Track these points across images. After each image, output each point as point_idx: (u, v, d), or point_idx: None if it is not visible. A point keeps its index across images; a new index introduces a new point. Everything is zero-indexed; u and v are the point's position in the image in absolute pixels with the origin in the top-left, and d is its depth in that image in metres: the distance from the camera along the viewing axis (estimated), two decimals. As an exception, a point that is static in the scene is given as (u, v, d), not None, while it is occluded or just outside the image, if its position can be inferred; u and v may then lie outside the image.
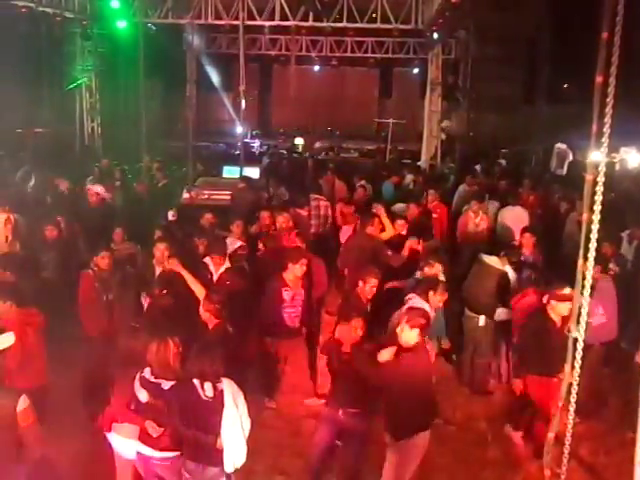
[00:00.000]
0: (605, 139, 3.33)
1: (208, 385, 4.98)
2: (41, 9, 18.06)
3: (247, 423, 5.14)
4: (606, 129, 3.34)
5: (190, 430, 5.00)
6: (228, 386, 5.03)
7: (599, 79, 3.27)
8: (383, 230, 9.59)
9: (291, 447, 7.01)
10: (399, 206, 11.95)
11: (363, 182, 14.75)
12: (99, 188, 11.80)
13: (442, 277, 7.67)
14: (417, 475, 6.33)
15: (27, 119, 19.55)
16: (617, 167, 20.50)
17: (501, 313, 8.18)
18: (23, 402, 4.65)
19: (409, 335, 5.56)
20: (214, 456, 5.02)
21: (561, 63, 24.21)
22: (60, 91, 21.19)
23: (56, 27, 19.80)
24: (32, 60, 18.38)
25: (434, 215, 11.92)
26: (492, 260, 8.52)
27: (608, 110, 3.32)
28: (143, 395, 5.17)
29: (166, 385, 5.13)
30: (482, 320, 8.26)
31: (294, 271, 7.65)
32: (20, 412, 4.64)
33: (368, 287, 7.35)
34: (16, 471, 4.76)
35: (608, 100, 3.32)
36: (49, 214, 10.27)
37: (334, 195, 13.78)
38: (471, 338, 8.59)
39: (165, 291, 7.07)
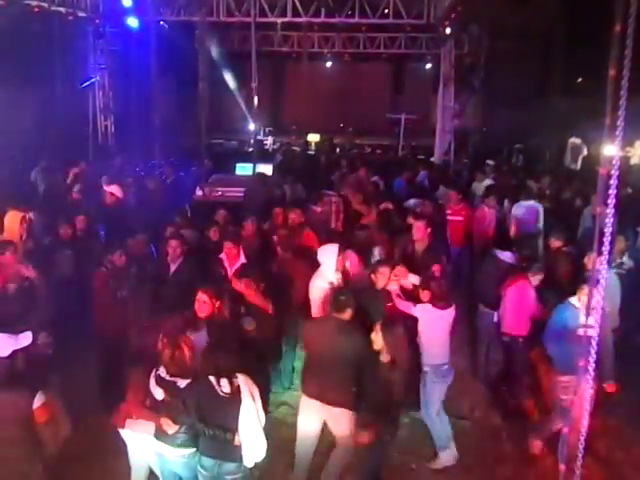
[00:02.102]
0: (619, 133, 3.30)
1: (224, 381, 4.99)
2: (53, 8, 18.12)
3: (263, 418, 5.15)
4: (620, 123, 3.31)
5: (208, 427, 5.01)
6: (244, 381, 5.04)
7: (612, 72, 3.25)
8: None
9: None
10: (412, 202, 11.94)
11: (376, 178, 14.74)
12: (113, 188, 11.82)
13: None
14: (433, 470, 6.35)
15: (40, 118, 19.62)
16: (632, 161, 20.38)
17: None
18: (39, 399, 4.68)
19: None
20: (231, 452, 5.03)
21: (575, 57, 24.05)
22: (73, 90, 21.25)
23: (68, 26, 19.87)
24: (45, 59, 18.43)
25: (459, 218, 11.73)
26: (505, 255, 8.50)
27: (622, 103, 3.29)
28: (159, 393, 5.19)
29: (182, 383, 5.15)
30: (496, 316, 8.22)
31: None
32: (37, 409, 4.67)
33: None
34: (33, 468, 4.81)
35: (622, 93, 3.29)
36: (64, 212, 10.34)
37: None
38: (485, 334, 8.57)
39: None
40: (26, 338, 4.87)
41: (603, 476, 6.44)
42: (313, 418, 6.22)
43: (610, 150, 3.50)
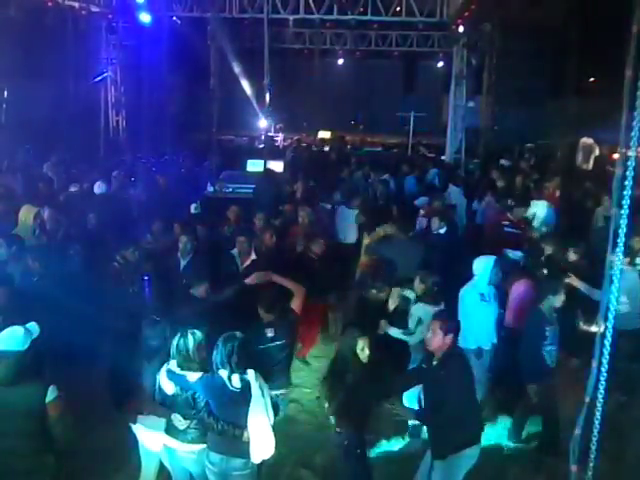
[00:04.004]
0: (635, 133, 3.29)
1: (235, 376, 5.00)
2: (67, 3, 18.20)
3: (272, 414, 5.16)
4: (636, 123, 3.29)
5: (217, 422, 5.02)
6: (254, 377, 5.05)
7: (629, 72, 3.23)
8: None
9: (317, 441, 6.99)
10: (422, 199, 11.94)
11: (386, 176, 14.74)
12: (98, 184, 11.86)
13: None
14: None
15: (52, 112, 19.69)
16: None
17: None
18: (52, 393, 4.70)
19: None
20: (239, 448, 5.03)
21: (588, 57, 23.96)
22: (85, 85, 21.31)
23: (81, 21, 19.93)
24: (57, 54, 18.49)
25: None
26: (516, 255, 8.50)
27: (638, 103, 3.27)
28: (169, 387, 5.20)
29: (192, 377, 5.16)
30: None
31: None
32: (49, 403, 4.69)
33: None
34: (44, 462, 4.83)
35: (638, 93, 3.27)
36: (77, 208, 10.39)
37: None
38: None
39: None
40: (34, 329, 4.90)
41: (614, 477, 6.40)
42: None
43: (625, 150, 3.49)
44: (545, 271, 8.12)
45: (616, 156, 3.56)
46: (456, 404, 5.28)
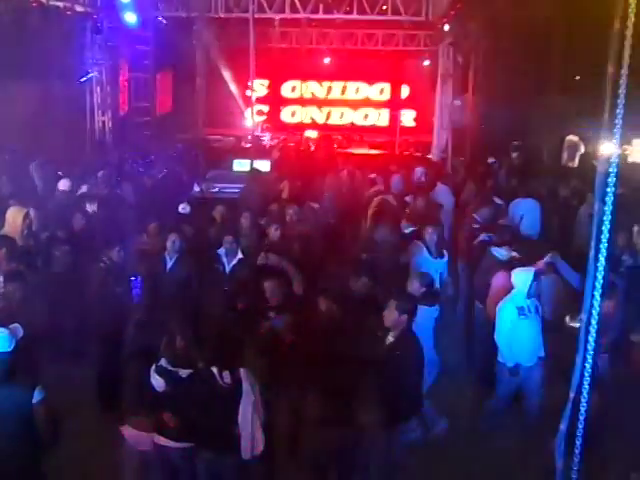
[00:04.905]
0: (617, 131, 3.31)
1: (226, 373, 5.00)
2: (51, 3, 18.09)
3: (263, 412, 5.17)
4: (618, 121, 3.32)
5: (207, 418, 5.02)
6: (245, 375, 5.05)
7: (611, 70, 3.25)
8: None
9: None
10: (408, 199, 11.98)
11: (374, 175, 14.75)
12: (62, 182, 11.83)
13: None
14: (429, 466, 6.36)
15: (38, 113, 19.59)
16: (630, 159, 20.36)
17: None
18: (39, 394, 4.69)
19: None
20: (230, 445, 5.04)
21: (574, 55, 24.02)
22: (71, 85, 21.19)
23: (66, 21, 19.82)
24: (42, 54, 18.38)
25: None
26: (500, 252, 8.54)
27: (620, 101, 3.30)
28: (160, 384, 5.20)
29: (184, 373, 5.16)
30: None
31: None
32: (35, 405, 4.67)
33: None
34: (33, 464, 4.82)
35: (620, 91, 3.30)
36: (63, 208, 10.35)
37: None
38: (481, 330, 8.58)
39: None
40: (18, 330, 4.88)
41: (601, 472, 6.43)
42: None
43: (608, 148, 3.51)
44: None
45: (600, 153, 3.58)
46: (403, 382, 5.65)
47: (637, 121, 8.18)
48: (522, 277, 7.27)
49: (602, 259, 3.63)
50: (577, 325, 3.97)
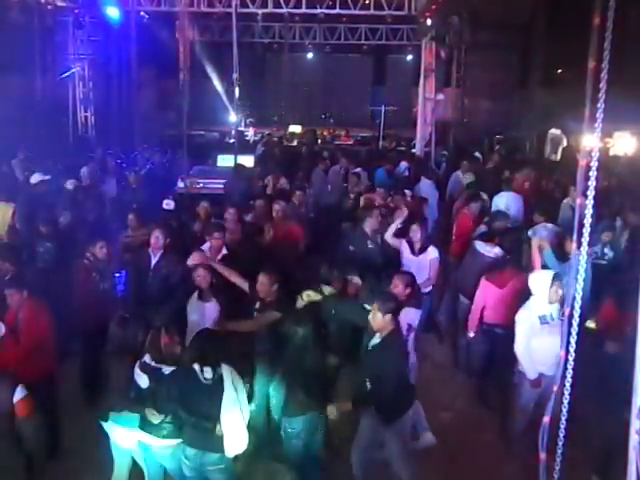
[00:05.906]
0: (598, 124, 3.33)
1: (207, 369, 5.00)
2: (33, -2, 18.01)
3: (247, 410, 5.17)
4: (599, 114, 3.34)
5: (190, 415, 5.02)
6: (228, 372, 5.05)
7: (592, 64, 3.27)
8: None
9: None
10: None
11: (358, 169, 14.76)
12: (35, 176, 11.76)
13: None
14: (416, 460, 6.37)
15: (19, 108, 19.44)
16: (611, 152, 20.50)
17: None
18: (20, 393, 4.66)
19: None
20: (213, 442, 5.03)
21: (555, 49, 24.12)
22: (53, 80, 21.06)
23: (48, 16, 19.70)
24: (24, 49, 18.25)
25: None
26: (484, 247, 8.55)
27: (601, 95, 3.32)
28: (143, 381, 5.19)
29: (167, 370, 5.16)
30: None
31: None
32: (17, 403, 4.65)
33: None
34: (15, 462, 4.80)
35: (601, 85, 3.32)
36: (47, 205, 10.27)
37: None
38: (466, 325, 8.61)
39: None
40: (1, 328, 4.86)
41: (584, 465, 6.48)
42: None
43: (589, 141, 3.54)
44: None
45: (581, 147, 3.60)
46: (396, 380, 5.66)
47: (618, 114, 8.26)
48: (540, 281, 6.56)
49: (584, 252, 3.66)
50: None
